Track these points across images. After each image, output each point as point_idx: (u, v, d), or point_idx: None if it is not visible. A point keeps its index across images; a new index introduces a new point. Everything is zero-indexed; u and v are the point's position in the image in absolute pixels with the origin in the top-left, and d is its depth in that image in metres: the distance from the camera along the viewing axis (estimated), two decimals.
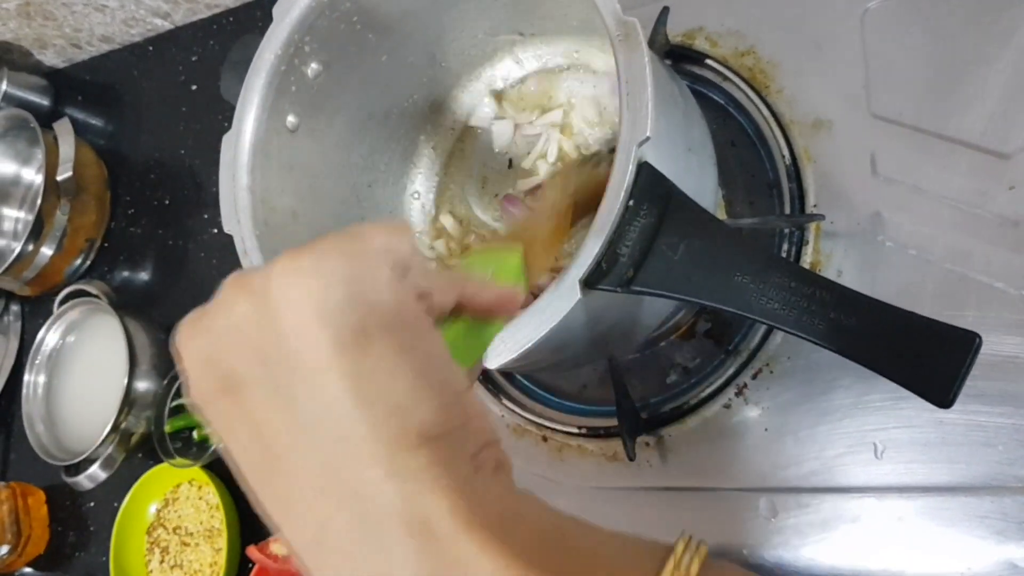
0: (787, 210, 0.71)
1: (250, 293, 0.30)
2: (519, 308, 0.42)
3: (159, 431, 1.01)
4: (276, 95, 0.65)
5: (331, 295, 0.29)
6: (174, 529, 1.02)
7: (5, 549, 1.11)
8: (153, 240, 1.21)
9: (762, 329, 0.70)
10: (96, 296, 1.10)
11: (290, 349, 0.29)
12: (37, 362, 1.14)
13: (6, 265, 1.14)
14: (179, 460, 0.99)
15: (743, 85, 0.75)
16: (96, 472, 1.04)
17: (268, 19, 0.64)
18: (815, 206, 0.70)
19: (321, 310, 0.29)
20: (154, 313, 1.13)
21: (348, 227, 0.32)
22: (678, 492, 0.71)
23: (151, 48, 1.31)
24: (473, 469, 0.31)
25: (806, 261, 0.69)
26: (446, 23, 0.74)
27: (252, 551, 0.84)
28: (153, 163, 1.25)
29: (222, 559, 0.94)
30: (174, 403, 1.02)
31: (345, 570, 0.29)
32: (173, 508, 1.03)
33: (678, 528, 0.69)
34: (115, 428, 1.00)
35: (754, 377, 0.70)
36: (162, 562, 1.02)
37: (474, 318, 0.39)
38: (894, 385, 0.44)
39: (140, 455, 1.07)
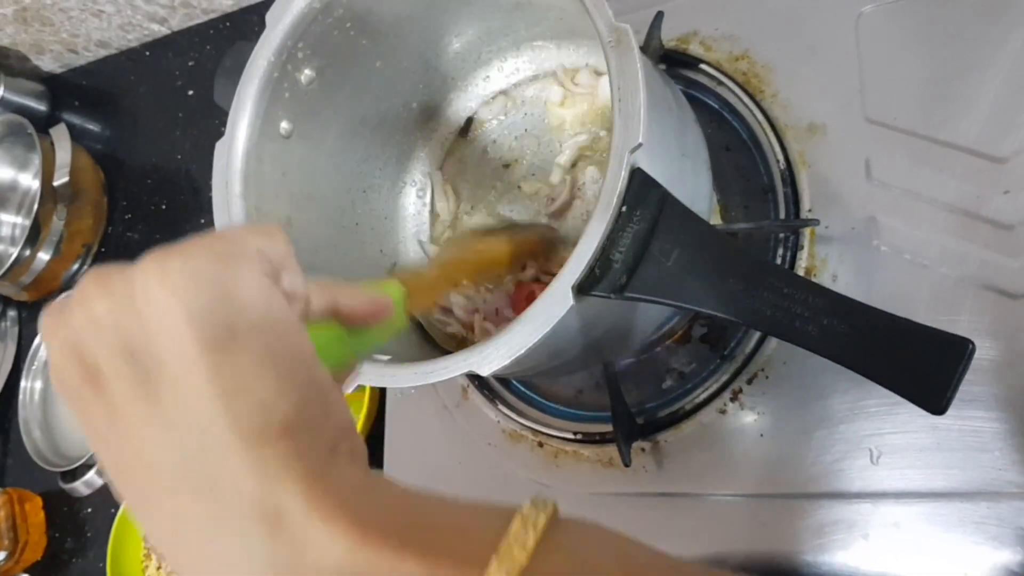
0: (782, 215, 0.71)
1: (111, 292, 0.31)
2: (389, 315, 0.43)
3: None
4: (269, 101, 0.64)
5: (199, 296, 0.30)
6: None
7: (2, 556, 1.10)
8: (150, 245, 1.18)
9: (757, 335, 0.70)
10: None
11: (155, 347, 0.30)
12: (34, 368, 1.14)
13: (3, 270, 1.14)
14: None
15: (737, 90, 0.75)
16: (93, 478, 1.04)
17: (264, 25, 0.64)
18: (810, 211, 0.70)
19: (188, 310, 0.30)
20: None
21: (219, 230, 0.33)
22: (673, 498, 0.71)
23: (148, 53, 1.31)
24: (329, 458, 0.32)
25: (801, 266, 0.69)
26: (440, 28, 0.74)
27: None
28: (150, 168, 1.25)
29: None
30: None
31: (199, 562, 0.30)
32: None
33: (673, 534, 0.69)
34: None
35: (750, 382, 0.70)
36: (159, 568, 1.01)
37: (347, 324, 0.40)
38: (889, 391, 0.44)
39: None
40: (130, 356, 0.30)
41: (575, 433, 0.76)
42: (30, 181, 1.28)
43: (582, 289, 0.48)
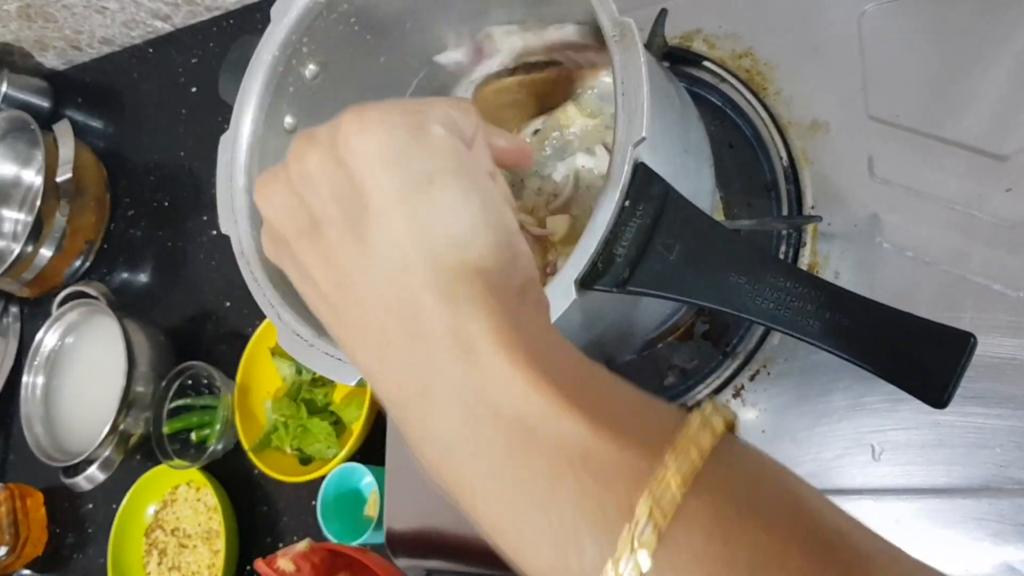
0: (785, 212, 0.71)
1: (318, 144, 0.34)
2: (530, 163, 0.46)
3: (158, 432, 1.01)
4: (274, 96, 0.64)
5: (394, 141, 0.33)
6: (172, 531, 1.02)
7: (3, 551, 1.11)
8: (152, 242, 1.21)
9: (760, 330, 0.70)
10: (95, 297, 1.10)
11: (359, 191, 0.33)
12: (36, 363, 1.14)
13: (5, 266, 1.14)
14: (177, 462, 0.99)
15: (740, 87, 0.75)
16: (94, 473, 1.04)
17: (268, 21, 0.64)
18: (812, 208, 0.70)
19: (384, 155, 0.33)
20: (153, 314, 1.13)
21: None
22: None
23: (151, 50, 1.31)
24: (518, 301, 0.34)
25: (804, 263, 0.69)
26: (444, 23, 0.74)
27: (260, 566, 0.84)
28: (153, 165, 1.25)
29: (220, 561, 0.94)
30: (172, 404, 1.03)
31: (401, 381, 0.33)
32: (171, 510, 1.03)
33: None
34: (114, 429, 1.00)
35: (752, 379, 0.70)
36: (160, 564, 1.02)
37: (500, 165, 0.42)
38: (892, 386, 0.44)
39: (138, 456, 1.08)
40: (340, 201, 0.33)
41: None
42: (33, 177, 1.28)
43: (585, 283, 0.48)
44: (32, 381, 1.13)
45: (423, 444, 0.32)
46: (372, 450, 0.92)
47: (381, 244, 0.32)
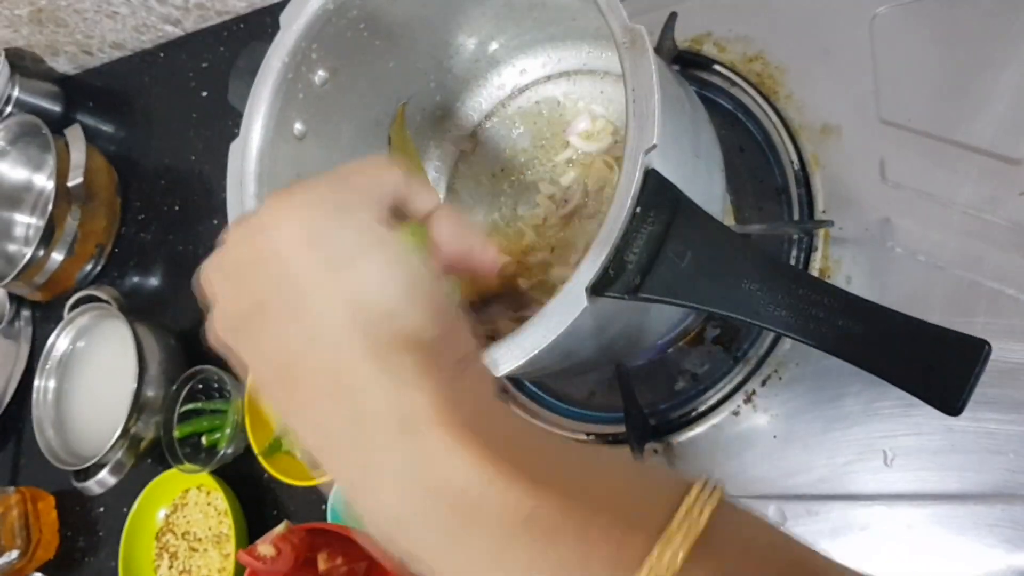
0: (796, 216, 0.71)
1: (249, 230, 0.34)
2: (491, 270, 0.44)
3: (168, 436, 1.01)
4: (283, 102, 0.65)
5: (317, 223, 0.33)
6: (183, 534, 1.02)
7: (15, 554, 1.11)
8: (163, 246, 1.21)
9: (771, 336, 0.70)
10: (106, 301, 1.11)
11: (289, 273, 0.33)
12: (47, 367, 1.14)
13: (17, 270, 1.15)
14: (188, 466, 0.99)
15: (751, 91, 0.75)
16: (105, 477, 1.04)
17: (277, 26, 0.64)
18: (824, 212, 0.70)
19: (310, 237, 0.33)
20: (164, 318, 1.13)
21: (339, 168, 0.37)
22: None
23: (162, 54, 1.31)
24: (457, 372, 0.33)
25: (815, 267, 0.69)
26: (453, 29, 0.74)
27: (242, 555, 0.84)
28: (163, 169, 1.25)
29: (230, 565, 0.94)
30: (183, 408, 1.03)
31: (343, 464, 0.33)
32: (182, 513, 1.03)
33: None
34: (124, 433, 1.00)
35: (763, 384, 0.70)
36: (171, 567, 1.02)
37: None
38: (904, 392, 0.44)
39: (149, 460, 1.08)
40: (275, 283, 0.33)
41: (588, 434, 0.76)
42: (44, 182, 1.28)
43: (596, 290, 0.48)
44: (43, 385, 1.13)
45: (374, 518, 0.32)
46: None
47: (316, 322, 0.33)
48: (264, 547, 0.82)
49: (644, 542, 0.28)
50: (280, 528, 0.83)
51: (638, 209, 0.48)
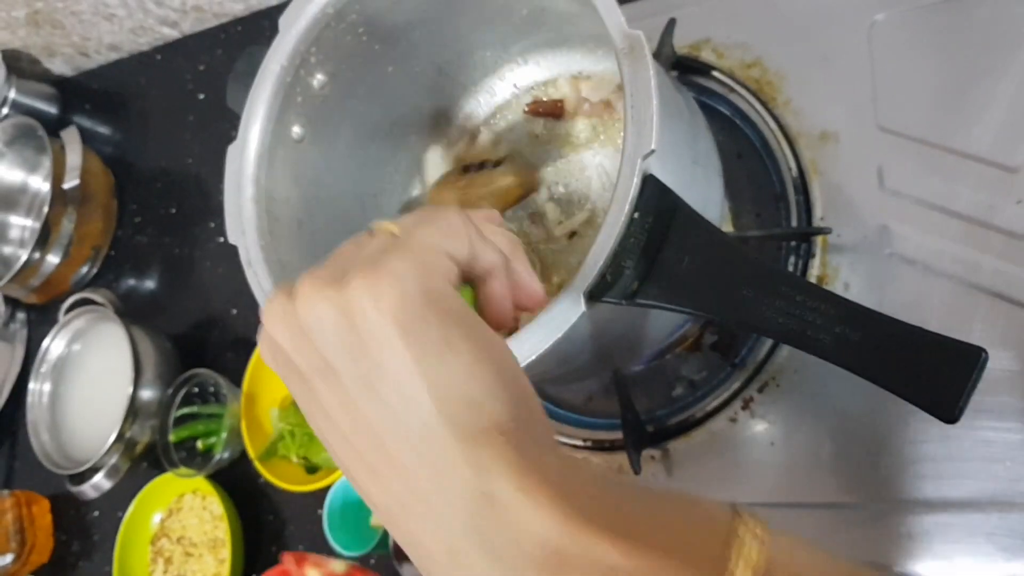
0: (794, 223, 0.71)
1: (327, 297, 0.34)
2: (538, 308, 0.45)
3: (164, 440, 1.00)
4: (282, 106, 0.64)
5: (408, 310, 0.33)
6: (178, 539, 1.02)
7: (9, 558, 1.10)
8: (159, 249, 1.21)
9: (769, 342, 0.70)
10: (102, 304, 1.10)
11: (371, 350, 0.33)
12: (42, 370, 1.14)
13: (12, 273, 1.14)
14: (183, 470, 0.99)
15: (750, 97, 0.75)
16: (101, 481, 1.03)
17: (275, 29, 0.64)
18: (822, 219, 0.70)
19: (401, 323, 0.33)
20: (160, 322, 1.13)
21: (404, 226, 0.37)
22: None
23: (159, 57, 1.31)
24: (536, 453, 0.34)
25: (813, 274, 0.69)
26: (452, 34, 0.73)
27: (288, 558, 0.83)
28: (160, 172, 1.25)
29: (225, 570, 0.94)
30: (179, 412, 1.02)
31: (430, 535, 0.33)
32: (177, 518, 1.03)
33: None
34: (120, 437, 1.00)
35: (760, 391, 0.70)
36: (165, 572, 1.01)
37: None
38: (901, 400, 0.44)
39: (144, 464, 1.07)
40: (352, 354, 0.33)
41: (585, 440, 0.76)
42: (40, 184, 1.28)
43: (593, 295, 0.48)
44: (39, 388, 1.13)
45: None
46: None
47: (400, 406, 0.33)
48: (313, 571, 0.82)
49: None
50: (339, 566, 0.83)
51: (636, 214, 0.48)
